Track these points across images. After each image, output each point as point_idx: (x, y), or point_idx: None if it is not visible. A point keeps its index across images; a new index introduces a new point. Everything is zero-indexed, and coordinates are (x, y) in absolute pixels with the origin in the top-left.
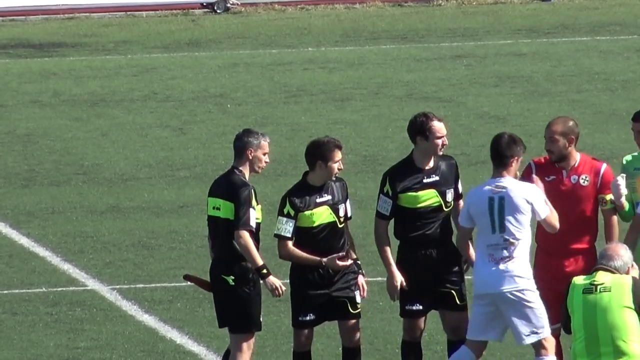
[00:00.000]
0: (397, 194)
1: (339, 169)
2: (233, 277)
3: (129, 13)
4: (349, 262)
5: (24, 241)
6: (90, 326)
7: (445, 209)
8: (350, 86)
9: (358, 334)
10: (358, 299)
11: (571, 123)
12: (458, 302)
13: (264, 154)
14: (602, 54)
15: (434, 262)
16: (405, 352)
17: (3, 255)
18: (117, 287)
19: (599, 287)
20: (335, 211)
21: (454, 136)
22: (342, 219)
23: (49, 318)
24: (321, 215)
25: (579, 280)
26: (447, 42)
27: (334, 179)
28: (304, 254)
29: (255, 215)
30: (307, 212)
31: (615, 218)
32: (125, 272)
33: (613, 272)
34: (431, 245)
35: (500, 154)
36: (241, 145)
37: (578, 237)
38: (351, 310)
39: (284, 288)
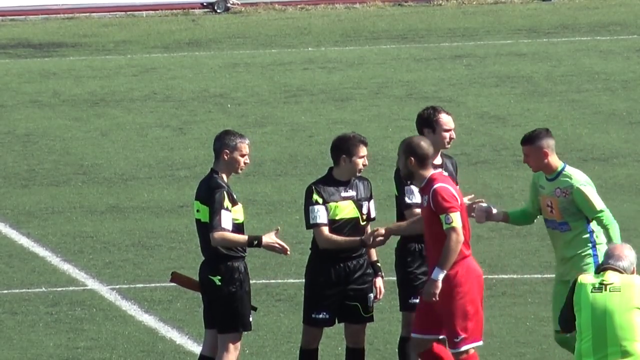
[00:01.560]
0: None
1: (363, 165)
2: (219, 277)
3: (129, 13)
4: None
5: (24, 241)
6: (90, 326)
7: None
8: (350, 86)
9: (363, 336)
10: (370, 302)
11: (415, 142)
12: None
13: (242, 156)
14: (602, 54)
15: None
16: (403, 348)
17: (3, 255)
18: (117, 287)
19: (608, 286)
20: (359, 207)
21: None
22: (364, 217)
23: (48, 318)
24: (344, 209)
25: (586, 279)
26: (447, 42)
27: (358, 174)
28: (344, 237)
29: (230, 216)
30: (332, 204)
31: (451, 239)
32: (125, 272)
33: (621, 272)
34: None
35: None
36: (218, 147)
37: (438, 257)
38: (363, 314)
39: (285, 245)
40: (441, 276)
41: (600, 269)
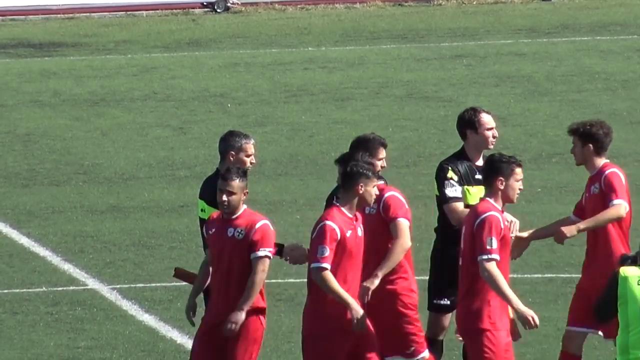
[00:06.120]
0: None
1: (382, 167)
2: None
3: (129, 13)
4: None
5: (24, 241)
6: (90, 326)
7: None
8: (350, 86)
9: None
10: None
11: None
12: None
13: (248, 156)
14: (602, 54)
15: None
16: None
17: (3, 255)
18: (118, 286)
19: None
20: None
21: (454, 136)
22: None
23: (49, 318)
24: None
25: (631, 271)
26: (447, 42)
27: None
28: None
29: None
30: None
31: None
32: (126, 271)
33: None
34: None
35: None
36: (223, 149)
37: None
38: None
39: None
40: None
41: None
